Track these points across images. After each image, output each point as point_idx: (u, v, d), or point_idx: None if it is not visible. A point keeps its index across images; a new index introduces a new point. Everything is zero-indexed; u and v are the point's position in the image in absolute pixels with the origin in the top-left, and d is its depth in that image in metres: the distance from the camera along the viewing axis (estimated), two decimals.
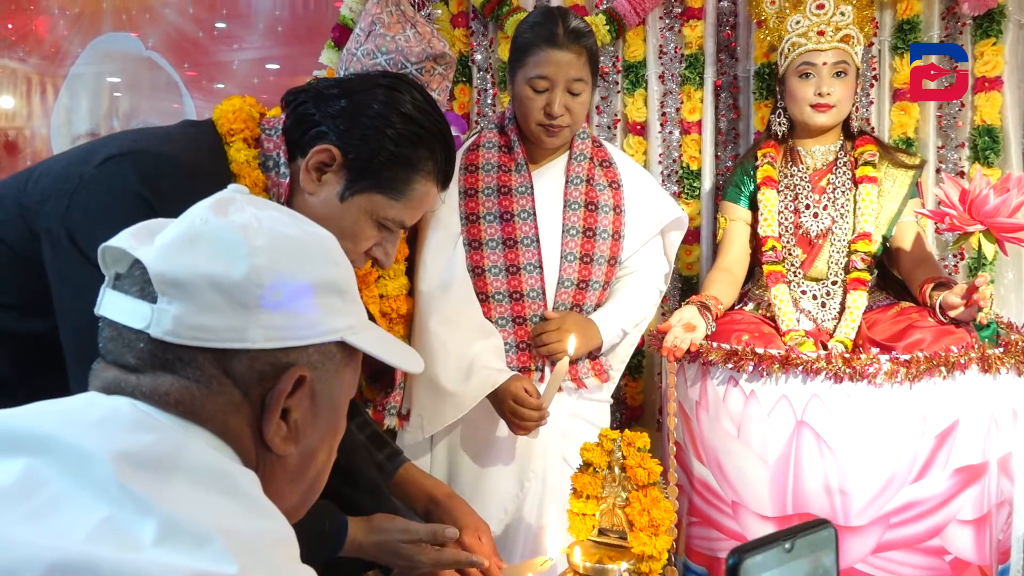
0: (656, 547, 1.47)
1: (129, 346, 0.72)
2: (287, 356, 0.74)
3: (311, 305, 0.75)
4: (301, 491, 0.81)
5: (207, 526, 0.60)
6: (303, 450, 0.78)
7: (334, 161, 1.22)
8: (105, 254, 0.75)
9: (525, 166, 1.95)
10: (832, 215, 2.16)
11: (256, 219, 0.75)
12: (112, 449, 0.62)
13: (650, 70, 2.65)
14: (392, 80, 1.29)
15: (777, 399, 1.91)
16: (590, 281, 1.94)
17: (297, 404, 0.75)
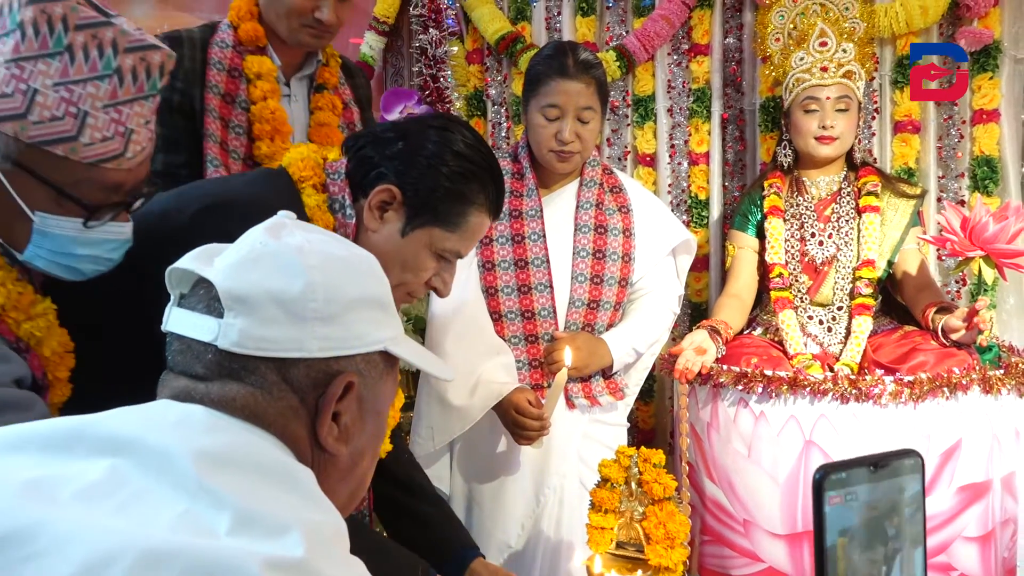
0: (672, 559, 1.54)
1: (198, 357, 0.79)
2: (338, 364, 0.81)
3: (358, 317, 0.82)
4: (350, 490, 0.87)
5: (276, 517, 0.66)
6: (352, 451, 0.84)
7: (395, 199, 1.31)
8: (171, 276, 0.82)
9: (535, 191, 2.06)
10: (837, 243, 2.24)
11: (308, 241, 0.82)
12: (190, 448, 0.68)
13: (659, 104, 2.75)
14: (443, 121, 1.39)
15: (786, 420, 1.98)
16: (601, 301, 2.02)
17: (346, 408, 0.82)
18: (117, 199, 1.11)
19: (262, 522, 0.65)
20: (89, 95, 1.04)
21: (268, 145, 1.77)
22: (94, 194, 1.08)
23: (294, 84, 1.90)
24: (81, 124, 1.04)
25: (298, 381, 0.79)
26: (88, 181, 1.07)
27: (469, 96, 2.90)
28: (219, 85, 1.78)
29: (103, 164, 1.07)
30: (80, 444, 0.68)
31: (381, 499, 1.55)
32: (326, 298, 0.79)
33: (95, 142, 1.05)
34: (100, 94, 1.05)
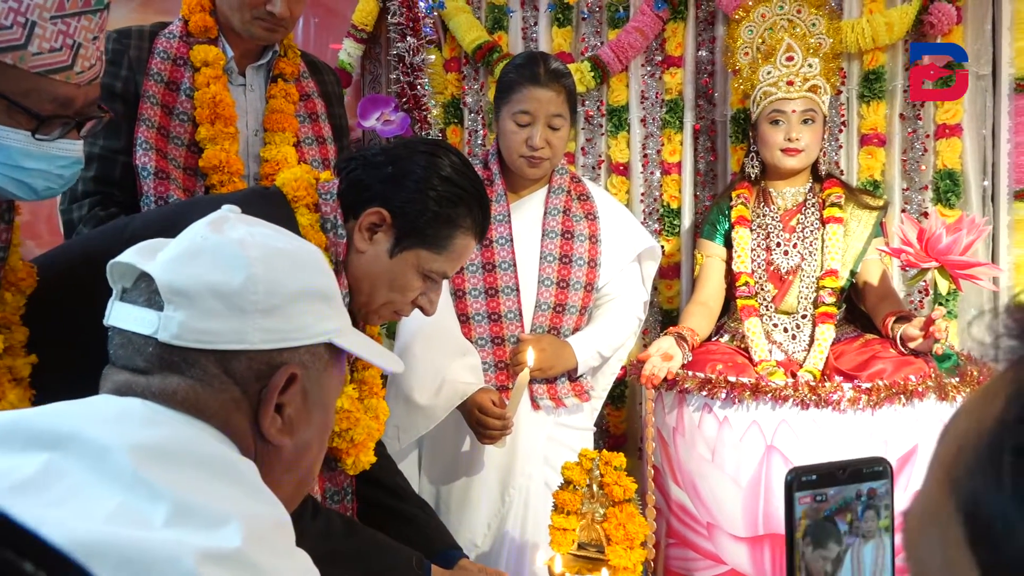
0: (631, 559, 1.58)
1: (139, 351, 0.80)
2: (281, 356, 0.81)
3: (301, 310, 0.82)
4: (295, 481, 0.88)
5: (214, 509, 0.67)
6: (297, 443, 0.85)
7: (384, 222, 1.36)
8: (113, 270, 0.83)
9: (504, 196, 2.12)
10: (801, 253, 2.29)
11: (250, 234, 0.83)
12: (128, 442, 0.68)
13: (632, 114, 2.80)
14: (432, 147, 1.44)
15: (748, 425, 2.02)
16: (567, 305, 2.07)
17: (290, 400, 0.82)
18: (67, 114, 1.12)
19: (200, 514, 0.66)
20: (36, 5, 1.05)
21: (208, 129, 1.81)
22: (43, 106, 1.09)
23: (250, 74, 1.95)
24: (29, 33, 1.05)
25: (240, 373, 0.80)
26: (37, 92, 1.08)
27: (446, 104, 2.94)
28: (162, 73, 1.82)
29: (52, 75, 1.08)
30: (15, 438, 0.69)
31: (365, 503, 1.58)
32: (267, 290, 0.80)
33: (43, 52, 1.06)
34: (47, 5, 1.06)
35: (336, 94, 2.12)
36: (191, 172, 1.82)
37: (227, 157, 1.79)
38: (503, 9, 2.87)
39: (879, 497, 0.74)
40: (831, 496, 0.73)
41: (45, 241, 2.87)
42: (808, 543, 0.72)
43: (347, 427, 1.37)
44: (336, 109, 2.10)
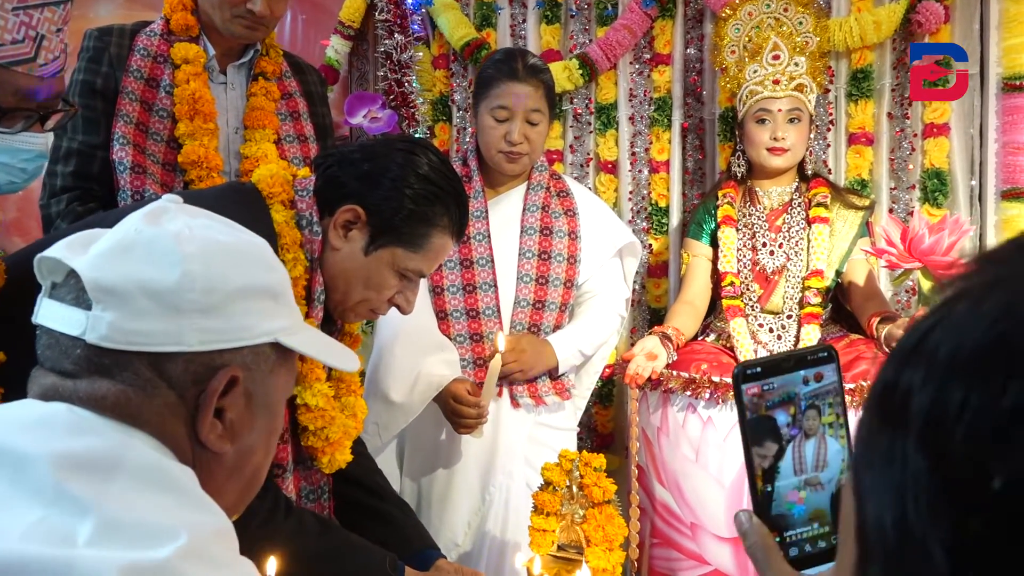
0: (611, 561, 1.57)
1: (66, 353, 0.74)
2: (221, 358, 0.76)
3: (243, 308, 0.77)
4: (239, 488, 0.83)
5: (145, 522, 0.62)
6: (240, 448, 0.80)
7: (359, 219, 1.35)
8: (41, 264, 0.77)
9: (482, 192, 2.12)
10: (787, 253, 2.29)
11: (188, 227, 0.77)
12: (50, 451, 0.64)
13: (621, 112, 2.79)
14: (409, 144, 1.44)
15: (732, 425, 2.02)
16: (546, 302, 2.07)
17: (231, 404, 0.77)
18: (30, 107, 1.11)
19: (128, 529, 0.62)
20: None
21: (187, 125, 1.81)
22: (5, 98, 1.08)
23: (231, 72, 1.95)
24: None
25: (176, 376, 0.75)
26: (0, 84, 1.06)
27: (434, 101, 2.93)
28: (141, 70, 1.83)
29: (14, 67, 1.07)
30: None
31: (344, 502, 1.58)
32: (205, 288, 0.75)
33: (5, 43, 1.05)
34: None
35: (319, 94, 2.11)
36: (170, 168, 1.82)
37: (205, 153, 1.79)
38: (491, 6, 2.86)
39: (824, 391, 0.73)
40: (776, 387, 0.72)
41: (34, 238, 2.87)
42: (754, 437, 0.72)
43: (322, 425, 1.36)
44: (319, 108, 2.09)
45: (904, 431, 0.38)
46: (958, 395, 0.36)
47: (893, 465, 0.39)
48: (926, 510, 0.37)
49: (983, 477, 0.34)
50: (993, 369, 0.36)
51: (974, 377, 0.36)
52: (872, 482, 0.41)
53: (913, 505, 0.37)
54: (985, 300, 0.38)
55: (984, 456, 0.35)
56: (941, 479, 0.36)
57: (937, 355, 0.38)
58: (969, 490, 0.35)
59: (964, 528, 0.35)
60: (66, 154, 1.80)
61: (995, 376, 0.35)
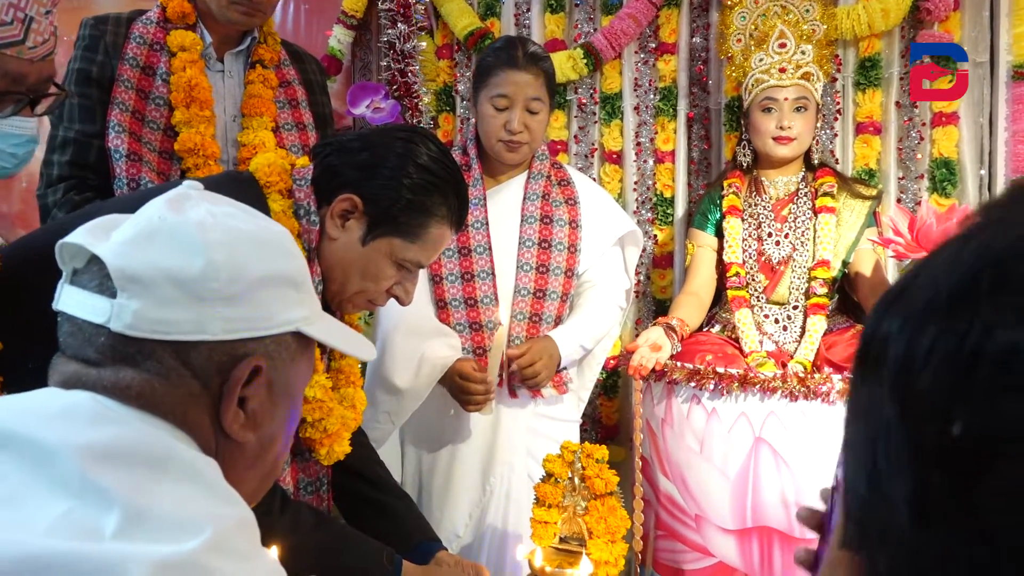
0: (613, 553, 1.56)
1: (90, 341, 0.74)
2: (244, 347, 0.76)
3: (266, 297, 0.77)
4: (259, 477, 0.83)
5: (170, 514, 0.62)
6: (262, 437, 0.80)
7: (356, 209, 1.34)
8: (63, 250, 0.77)
9: (480, 180, 2.10)
10: (793, 243, 2.26)
11: (211, 215, 0.77)
12: (75, 442, 0.63)
13: (626, 102, 2.77)
14: (409, 133, 1.41)
15: (737, 416, 2.00)
16: (547, 291, 2.05)
17: (254, 393, 0.77)
18: (20, 91, 1.10)
19: (154, 520, 0.61)
20: None
21: (184, 113, 1.79)
22: None
23: (229, 60, 1.93)
24: None
25: (200, 365, 0.74)
26: None
27: (438, 91, 2.91)
28: (137, 58, 1.81)
29: (3, 50, 1.06)
30: None
31: (344, 494, 1.57)
32: (230, 277, 0.74)
33: None
34: None
35: (319, 82, 2.10)
36: (167, 156, 1.80)
37: (202, 140, 1.77)
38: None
39: None
40: None
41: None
42: None
43: (320, 417, 1.35)
44: (319, 97, 2.08)
45: (879, 381, 0.37)
46: (927, 340, 0.35)
47: (870, 417, 0.38)
48: (893, 461, 0.35)
49: (944, 425, 0.33)
50: (961, 312, 0.34)
51: (944, 321, 0.35)
52: (853, 436, 0.39)
53: (883, 457, 0.36)
54: (968, 244, 0.36)
55: (946, 402, 0.33)
56: (908, 428, 0.35)
57: (914, 302, 0.37)
58: (931, 439, 0.34)
59: (925, 480, 0.34)
60: (62, 143, 1.79)
61: (962, 319, 0.34)
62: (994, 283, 0.34)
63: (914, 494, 0.34)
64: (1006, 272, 0.34)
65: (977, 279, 0.35)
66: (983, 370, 0.32)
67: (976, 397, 0.32)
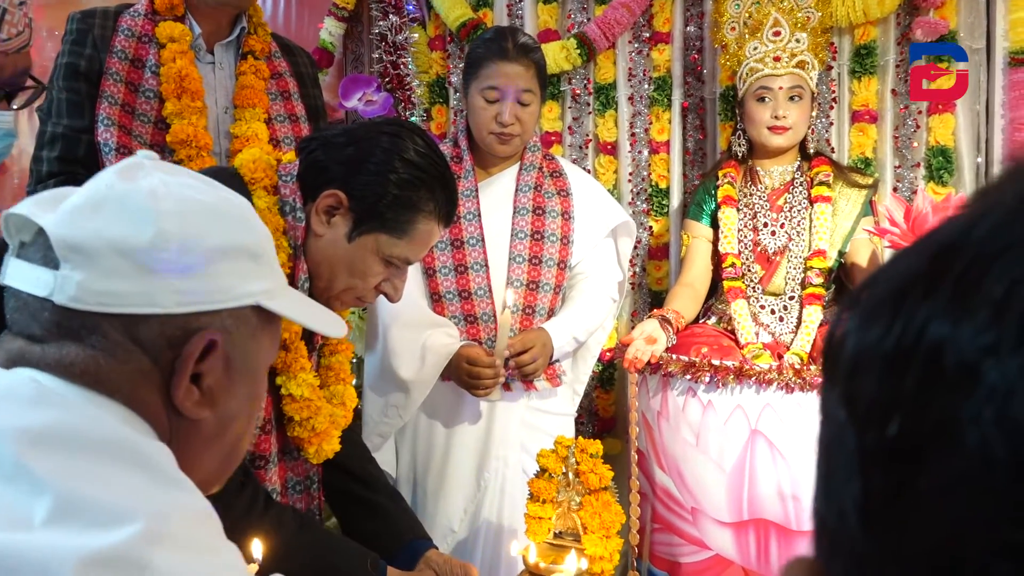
0: (608, 548, 1.55)
1: (34, 316, 0.71)
2: (198, 320, 0.72)
3: (223, 269, 0.73)
4: (219, 457, 0.79)
5: (107, 502, 0.59)
6: (220, 416, 0.76)
7: (341, 205, 1.32)
8: (9, 222, 0.73)
9: (472, 172, 2.09)
10: (789, 233, 2.25)
11: (164, 184, 0.73)
12: (11, 426, 0.61)
13: (620, 92, 2.75)
14: (395, 128, 1.39)
15: (732, 409, 1.99)
16: (540, 283, 2.04)
17: (210, 369, 0.73)
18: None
19: (88, 508, 0.58)
20: None
21: (175, 104, 1.78)
22: None
23: (219, 52, 1.91)
24: None
25: (150, 340, 0.71)
26: None
27: (431, 83, 2.89)
28: (126, 50, 1.80)
29: None
30: None
31: (335, 492, 1.56)
32: (182, 247, 0.71)
33: None
34: None
35: (310, 75, 2.08)
36: (158, 149, 1.79)
37: (195, 131, 1.75)
38: None
39: None
40: None
41: None
42: None
43: (308, 416, 1.34)
44: (310, 90, 2.06)
45: (834, 383, 0.36)
46: (872, 339, 0.34)
47: (828, 420, 0.37)
48: (844, 466, 0.35)
49: (883, 426, 0.32)
50: (903, 307, 0.33)
51: (889, 317, 0.33)
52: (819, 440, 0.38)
53: (836, 462, 0.35)
54: (939, 230, 0.35)
55: (884, 402, 0.33)
56: (855, 431, 0.34)
57: (872, 298, 0.36)
58: (873, 441, 0.33)
59: (869, 483, 0.33)
60: (51, 139, 1.77)
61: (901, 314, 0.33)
62: (934, 276, 0.33)
63: (860, 497, 0.34)
64: (947, 262, 0.33)
65: (920, 271, 0.34)
66: (915, 367, 0.32)
67: (908, 396, 0.32)
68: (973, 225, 0.33)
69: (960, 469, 0.30)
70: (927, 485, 0.31)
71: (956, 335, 0.31)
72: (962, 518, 0.30)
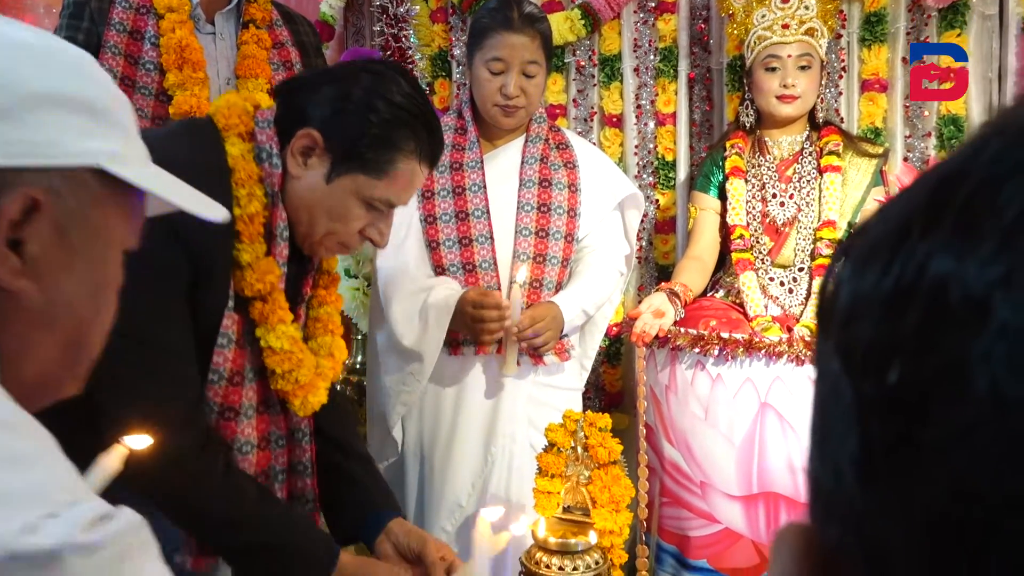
0: (617, 523, 1.53)
1: None
2: (19, 177, 0.62)
3: (48, 120, 0.64)
4: (58, 346, 0.69)
5: None
6: (50, 294, 0.66)
7: (316, 145, 1.27)
8: None
9: (477, 143, 2.05)
10: (798, 204, 2.22)
11: None
12: None
13: (625, 63, 2.71)
14: (380, 67, 1.35)
15: (742, 382, 1.97)
16: (547, 256, 2.01)
17: (33, 235, 0.64)
18: None
19: None
20: None
21: (176, 75, 1.75)
22: None
23: (219, 21, 1.89)
24: None
25: None
26: None
27: (433, 56, 2.85)
28: (124, 22, 1.77)
29: None
30: None
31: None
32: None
33: None
34: None
35: (312, 44, 2.05)
36: (160, 122, 1.76)
37: (198, 103, 1.73)
38: None
39: None
40: None
41: None
42: None
43: (290, 368, 1.28)
44: (313, 60, 2.03)
45: (827, 336, 0.33)
46: (867, 284, 0.31)
47: (822, 376, 0.34)
48: (840, 421, 0.31)
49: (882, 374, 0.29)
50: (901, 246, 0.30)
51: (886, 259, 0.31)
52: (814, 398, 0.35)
53: (831, 418, 0.32)
54: (940, 164, 0.32)
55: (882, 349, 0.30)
56: (851, 383, 0.31)
57: (863, 244, 0.33)
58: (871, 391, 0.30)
59: (867, 436, 0.30)
60: None
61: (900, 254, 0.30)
62: (936, 208, 0.30)
63: (858, 452, 0.31)
64: (950, 192, 0.30)
65: (919, 207, 0.31)
66: (916, 307, 0.29)
67: (909, 339, 0.29)
68: (979, 150, 0.30)
69: (968, 415, 0.27)
70: (932, 435, 0.28)
71: (961, 269, 0.28)
72: (970, 469, 0.27)
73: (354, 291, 2.35)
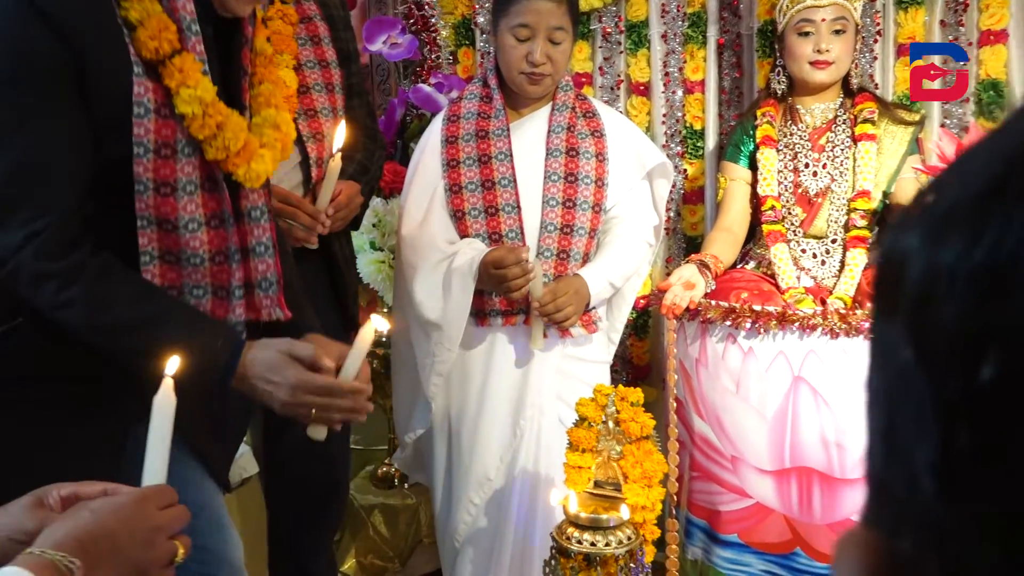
0: (649, 498, 1.52)
1: None
2: None
3: None
4: None
5: None
6: None
7: None
8: None
9: (503, 111, 2.02)
10: (831, 173, 2.16)
11: None
12: None
13: (653, 29, 2.65)
14: None
15: (775, 355, 1.94)
16: (574, 226, 1.98)
17: None
18: None
19: None
20: None
21: None
22: None
23: None
24: None
25: None
26: None
27: (456, 24, 2.80)
28: None
29: None
30: None
31: None
32: None
33: None
34: None
35: (341, 17, 2.01)
36: None
37: None
38: None
39: None
40: None
41: None
42: None
43: (211, 133, 1.19)
44: (342, 33, 1.99)
45: (894, 314, 0.29)
46: (949, 256, 0.27)
47: (886, 362, 0.30)
48: (912, 418, 0.28)
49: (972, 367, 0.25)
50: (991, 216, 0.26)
51: (969, 229, 0.27)
52: (873, 387, 0.31)
53: (901, 413, 0.29)
54: (1001, 137, 0.29)
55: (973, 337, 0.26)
56: (928, 375, 0.27)
57: (937, 210, 0.29)
58: (956, 387, 0.26)
59: (950, 440, 0.26)
60: None
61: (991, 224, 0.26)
62: None
63: (938, 458, 0.27)
64: None
65: (1010, 173, 0.27)
66: (1019, 289, 0.25)
67: (1010, 328, 0.25)
68: None
69: None
70: None
71: None
72: None
73: (379, 263, 2.33)
